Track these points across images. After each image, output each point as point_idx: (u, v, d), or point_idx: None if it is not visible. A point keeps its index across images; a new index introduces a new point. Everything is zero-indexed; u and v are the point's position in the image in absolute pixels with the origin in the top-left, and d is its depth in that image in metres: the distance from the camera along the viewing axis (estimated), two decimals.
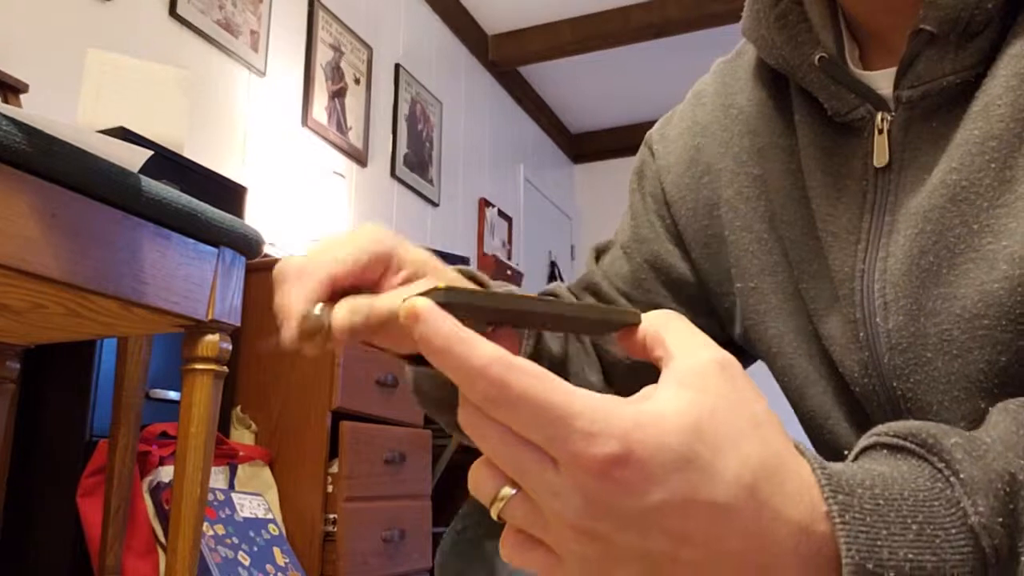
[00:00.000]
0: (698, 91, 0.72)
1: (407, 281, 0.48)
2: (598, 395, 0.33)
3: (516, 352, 0.36)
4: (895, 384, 0.53)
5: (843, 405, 0.59)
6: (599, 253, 0.75)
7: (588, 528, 0.33)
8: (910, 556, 0.33)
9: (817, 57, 0.56)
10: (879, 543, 0.33)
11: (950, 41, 0.50)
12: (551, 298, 0.41)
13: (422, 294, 0.33)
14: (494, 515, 0.35)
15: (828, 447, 0.61)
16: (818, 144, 0.58)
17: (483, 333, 0.35)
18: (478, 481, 0.35)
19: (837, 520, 0.33)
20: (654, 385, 0.35)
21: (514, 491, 0.34)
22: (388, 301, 0.44)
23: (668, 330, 0.37)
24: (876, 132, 0.54)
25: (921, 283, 0.50)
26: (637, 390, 0.35)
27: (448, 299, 0.33)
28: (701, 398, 0.34)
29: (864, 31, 0.58)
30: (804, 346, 0.60)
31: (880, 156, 0.54)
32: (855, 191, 0.55)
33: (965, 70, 0.50)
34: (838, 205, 0.56)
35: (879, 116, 0.54)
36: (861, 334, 0.54)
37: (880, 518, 0.33)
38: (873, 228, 0.54)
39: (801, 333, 0.60)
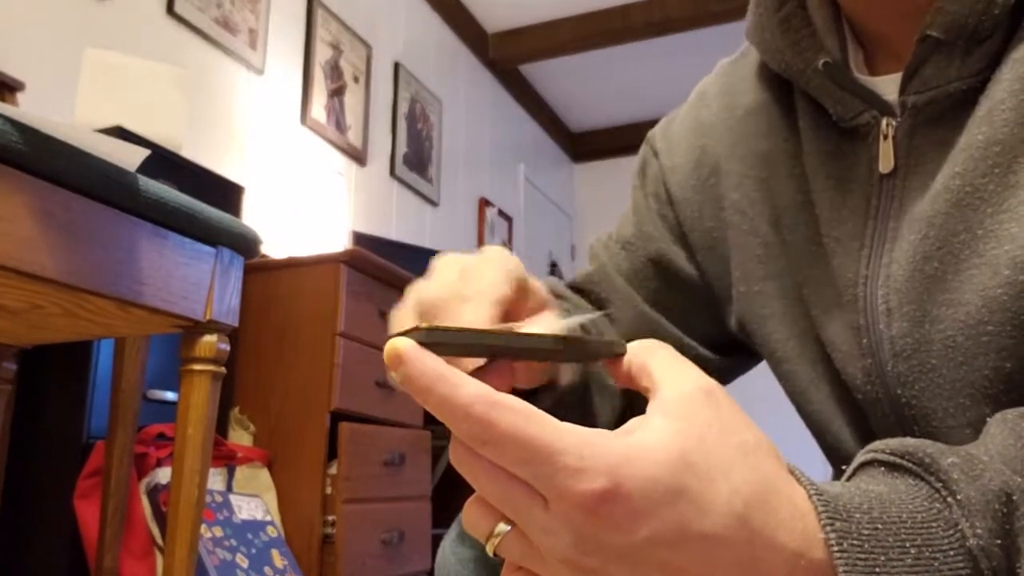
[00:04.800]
0: (702, 91, 0.71)
1: (532, 312, 0.48)
2: (585, 430, 0.33)
3: (508, 386, 0.37)
4: (899, 391, 0.52)
5: (846, 411, 0.59)
6: (605, 245, 0.74)
7: (580, 563, 0.33)
8: None
9: (821, 62, 0.55)
10: (877, 569, 0.33)
11: (957, 47, 0.49)
12: (535, 332, 0.41)
13: (403, 333, 0.33)
14: (490, 552, 0.35)
15: (832, 452, 0.61)
16: (822, 149, 0.57)
17: (476, 367, 0.35)
18: (472, 519, 0.36)
19: (835, 548, 0.33)
20: (640, 417, 0.35)
21: (508, 527, 0.35)
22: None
23: (653, 360, 0.38)
24: (881, 138, 0.54)
25: (925, 289, 0.50)
26: None
27: (430, 338, 0.33)
28: (688, 428, 0.34)
29: (868, 36, 0.57)
30: (807, 352, 0.60)
31: (885, 162, 0.53)
32: (859, 196, 0.55)
33: (971, 76, 0.50)
34: (842, 210, 0.56)
35: (884, 121, 0.54)
36: (864, 341, 0.54)
37: (878, 543, 0.33)
38: (877, 234, 0.54)
39: (804, 338, 0.60)
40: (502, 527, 0.35)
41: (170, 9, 2.45)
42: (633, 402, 0.67)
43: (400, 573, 2.20)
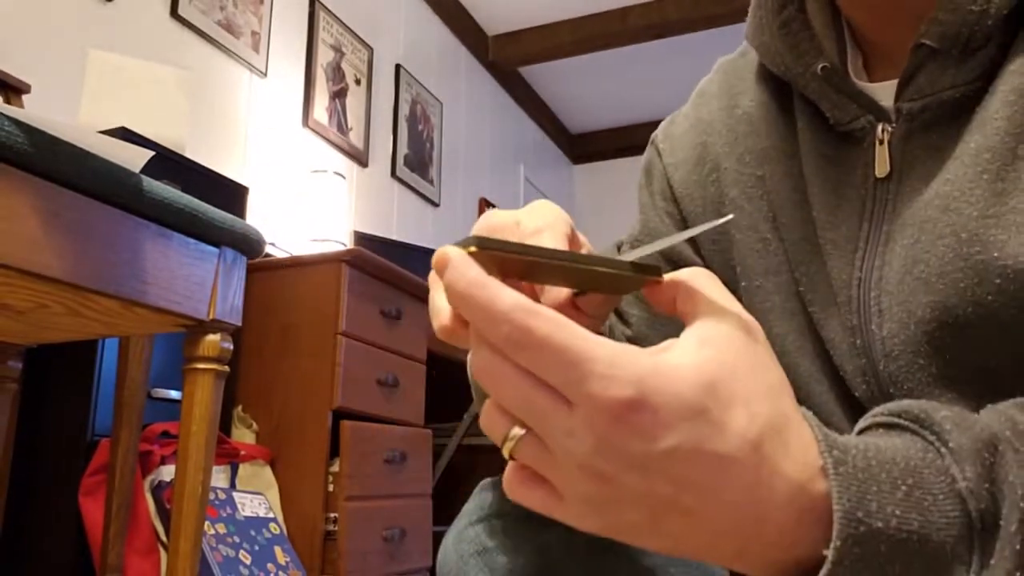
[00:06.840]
0: (701, 90, 0.72)
1: None
2: (617, 343, 0.34)
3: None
4: (891, 391, 0.53)
5: (847, 407, 0.59)
6: (617, 248, 0.75)
7: (596, 468, 0.34)
8: (897, 513, 0.35)
9: (820, 66, 0.56)
10: (868, 496, 0.35)
11: (951, 56, 0.50)
12: (579, 252, 0.42)
13: (456, 244, 0.35)
14: (505, 454, 0.36)
15: None
16: (819, 151, 0.58)
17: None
18: (489, 423, 0.37)
19: (831, 472, 0.35)
20: (675, 339, 0.36)
21: (523, 431, 0.36)
22: None
23: (700, 287, 0.39)
24: (877, 143, 0.55)
25: (912, 292, 0.51)
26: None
27: (478, 245, 0.34)
28: (721, 357, 0.35)
29: (867, 42, 0.58)
30: (807, 346, 0.60)
31: (881, 166, 0.54)
32: (854, 200, 0.56)
33: (965, 84, 0.51)
34: (838, 213, 0.57)
35: (880, 127, 0.55)
36: (858, 341, 0.55)
37: (871, 476, 0.35)
38: (871, 237, 0.55)
39: (804, 334, 0.60)
40: (516, 431, 0.36)
41: (174, 12, 2.46)
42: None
43: (401, 570, 2.21)
